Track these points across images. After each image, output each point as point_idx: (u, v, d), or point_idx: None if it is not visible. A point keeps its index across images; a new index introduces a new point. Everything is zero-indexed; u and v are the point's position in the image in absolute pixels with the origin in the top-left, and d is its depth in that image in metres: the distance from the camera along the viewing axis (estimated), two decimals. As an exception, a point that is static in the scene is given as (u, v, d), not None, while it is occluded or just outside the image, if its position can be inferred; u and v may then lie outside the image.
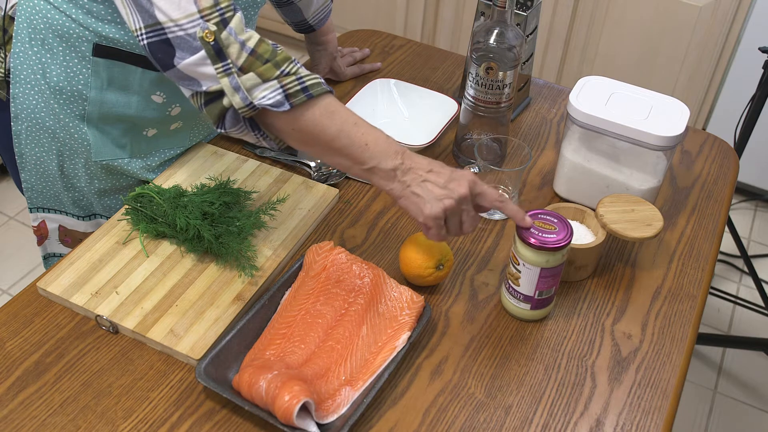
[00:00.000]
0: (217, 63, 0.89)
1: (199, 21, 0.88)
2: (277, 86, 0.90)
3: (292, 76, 0.91)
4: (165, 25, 0.88)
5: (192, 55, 0.89)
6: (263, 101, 0.90)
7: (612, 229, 1.06)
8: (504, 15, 1.13)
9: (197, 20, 0.88)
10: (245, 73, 0.90)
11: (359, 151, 0.93)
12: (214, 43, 0.89)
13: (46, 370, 0.92)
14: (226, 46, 0.89)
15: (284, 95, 0.90)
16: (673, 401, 0.94)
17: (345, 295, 1.01)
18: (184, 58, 0.89)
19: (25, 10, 1.06)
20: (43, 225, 1.27)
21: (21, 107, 1.12)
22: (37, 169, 1.19)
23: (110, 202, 1.24)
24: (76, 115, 1.12)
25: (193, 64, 0.89)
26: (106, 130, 1.15)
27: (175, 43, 0.89)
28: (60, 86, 1.09)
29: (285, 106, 0.90)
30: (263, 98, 0.90)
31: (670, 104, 1.15)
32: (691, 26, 2.35)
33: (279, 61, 0.91)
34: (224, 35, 0.89)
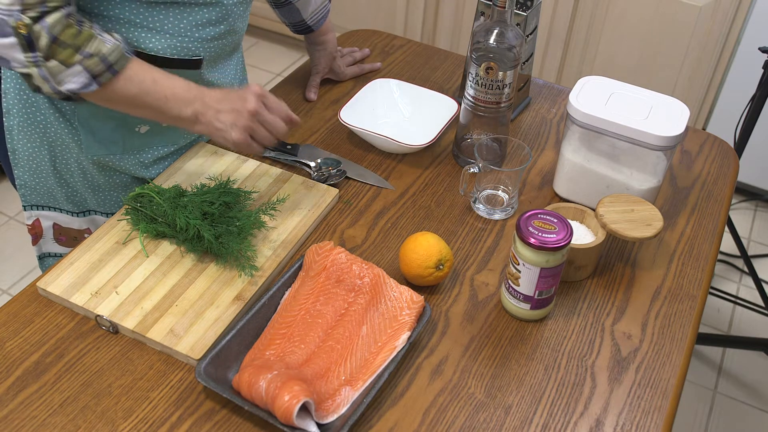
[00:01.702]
0: (27, 52, 0.93)
1: (16, 12, 0.91)
2: (81, 70, 0.95)
3: (94, 57, 0.96)
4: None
5: (4, 38, 0.92)
6: (71, 86, 0.96)
7: (612, 229, 1.06)
8: (504, 15, 1.13)
9: (15, 12, 0.91)
10: (51, 60, 0.94)
11: (162, 104, 1.01)
12: (27, 35, 0.92)
13: (46, 370, 0.92)
14: (36, 38, 0.93)
15: (90, 76, 0.96)
16: (673, 401, 0.94)
17: (345, 295, 1.01)
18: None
19: None
20: (38, 223, 1.27)
21: (12, 102, 1.12)
22: (29, 165, 1.19)
23: (104, 198, 1.23)
24: (66, 110, 1.12)
25: (4, 46, 0.93)
26: (97, 126, 1.14)
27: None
28: None
29: (93, 86, 0.97)
30: (71, 83, 0.96)
31: (670, 104, 1.15)
32: (691, 26, 2.35)
33: (79, 45, 0.95)
34: (37, 28, 0.92)
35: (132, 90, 1.00)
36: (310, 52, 1.46)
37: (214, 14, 1.11)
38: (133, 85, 1.00)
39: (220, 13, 1.11)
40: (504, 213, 1.19)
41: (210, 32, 1.13)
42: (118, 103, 1.03)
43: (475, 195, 1.20)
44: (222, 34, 1.15)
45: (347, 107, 1.31)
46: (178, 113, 1.02)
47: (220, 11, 1.11)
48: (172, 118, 1.04)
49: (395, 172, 1.27)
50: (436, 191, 1.23)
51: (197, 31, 1.11)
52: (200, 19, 1.10)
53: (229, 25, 1.15)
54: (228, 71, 1.25)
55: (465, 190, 1.21)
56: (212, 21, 1.11)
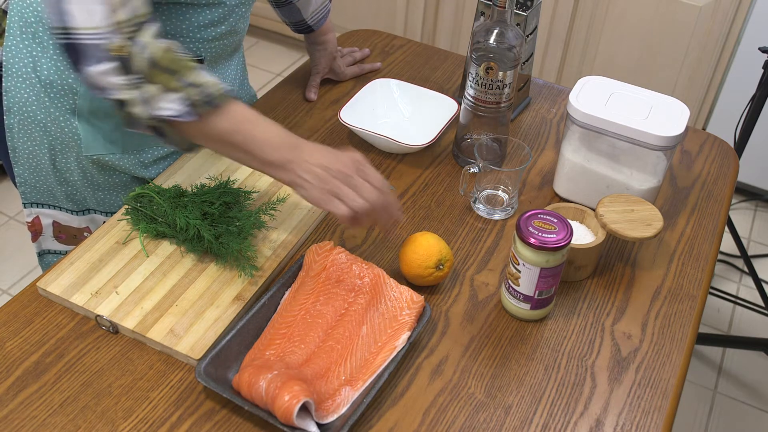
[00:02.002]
0: (124, 75, 0.90)
1: (110, 34, 0.89)
2: (181, 97, 0.92)
3: (195, 87, 0.92)
4: (75, 31, 0.89)
5: (100, 64, 0.90)
6: (168, 112, 0.92)
7: (612, 229, 1.06)
8: (504, 15, 1.13)
9: (109, 33, 0.89)
10: (150, 83, 0.91)
11: (255, 146, 0.96)
12: (124, 57, 0.90)
13: (46, 370, 0.92)
14: (134, 59, 0.90)
15: (189, 105, 0.92)
16: (673, 401, 0.94)
17: (345, 295, 1.01)
18: (92, 65, 0.90)
19: (17, 3, 1.07)
20: (38, 221, 1.27)
21: (13, 100, 1.12)
22: (30, 163, 1.19)
23: (104, 197, 1.24)
24: (66, 108, 1.12)
25: (100, 73, 0.90)
26: (97, 124, 1.14)
27: (84, 49, 0.90)
28: (51, 79, 1.09)
29: (191, 116, 0.93)
30: (168, 110, 0.92)
31: (670, 104, 1.15)
32: (691, 26, 2.35)
33: (183, 72, 0.92)
34: (134, 50, 0.90)
35: (226, 126, 0.95)
36: (311, 52, 1.46)
37: (216, 15, 1.11)
38: (230, 121, 0.95)
39: (222, 13, 1.11)
40: (504, 213, 1.19)
41: (211, 33, 1.13)
42: (210, 139, 0.98)
43: (475, 195, 1.20)
44: (223, 34, 1.15)
45: (347, 107, 1.31)
46: (271, 158, 0.97)
47: (222, 12, 1.11)
48: (263, 163, 0.98)
49: (395, 172, 1.27)
50: (436, 191, 1.23)
51: (199, 32, 1.11)
52: (202, 20, 1.10)
53: (231, 26, 1.15)
54: (229, 72, 1.25)
55: (465, 190, 1.21)
56: (214, 21, 1.11)
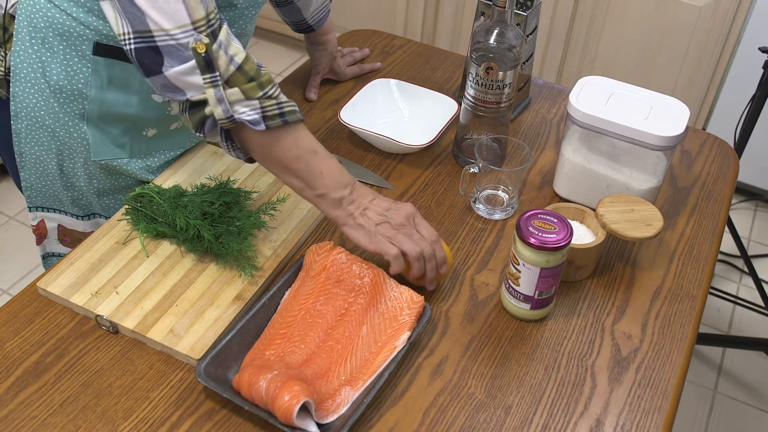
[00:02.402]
0: (205, 74, 0.92)
1: (191, 32, 0.90)
2: (257, 106, 0.94)
3: (272, 99, 0.95)
4: (155, 33, 0.90)
5: (181, 64, 0.91)
6: (243, 116, 0.94)
7: (612, 229, 1.06)
8: (504, 15, 1.13)
9: (190, 31, 0.90)
10: (230, 87, 0.93)
11: (313, 177, 0.99)
12: (205, 55, 0.91)
13: (46, 370, 0.92)
14: (215, 58, 0.92)
15: (262, 116, 0.94)
16: (673, 401, 0.94)
17: (345, 295, 1.01)
18: (173, 66, 0.91)
19: (26, 8, 1.06)
20: (42, 224, 1.27)
21: (21, 106, 1.12)
22: (36, 168, 1.19)
23: (109, 202, 1.24)
24: (75, 114, 1.12)
25: (181, 73, 0.92)
26: (106, 129, 1.15)
27: (165, 51, 0.91)
28: (60, 85, 1.09)
29: (261, 126, 0.95)
30: (243, 114, 0.94)
31: (670, 104, 1.15)
32: (691, 26, 2.35)
33: (263, 82, 0.95)
34: (215, 48, 0.92)
35: (289, 148, 0.98)
36: (311, 51, 1.46)
37: (227, 17, 1.11)
38: (295, 144, 0.97)
39: (233, 16, 1.11)
40: (504, 213, 1.19)
41: None
42: (270, 158, 0.99)
43: (475, 195, 1.20)
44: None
45: (347, 107, 1.31)
46: (327, 191, 0.99)
47: (233, 14, 1.11)
48: (317, 195, 1.00)
49: (395, 172, 1.27)
50: (436, 191, 1.23)
51: None
52: None
53: (240, 28, 1.15)
54: None
55: (465, 190, 1.21)
56: None
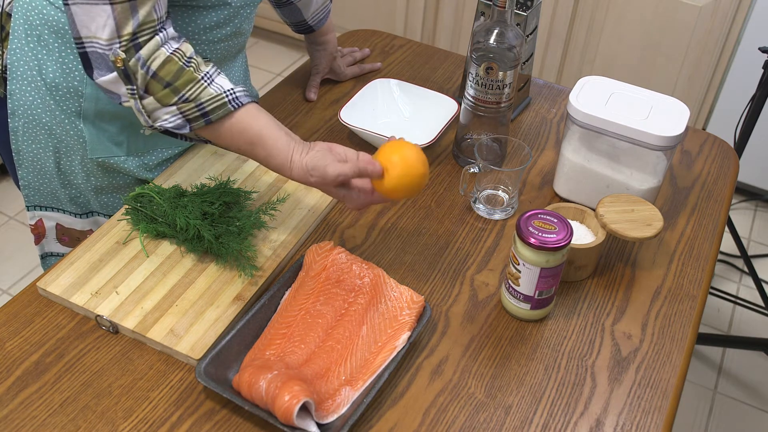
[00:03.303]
0: (127, 85, 0.95)
1: (114, 45, 0.92)
2: (176, 111, 0.96)
3: (190, 102, 0.95)
4: (85, 40, 0.93)
5: (108, 74, 0.95)
6: (165, 123, 0.97)
7: (612, 229, 1.06)
8: (504, 15, 1.13)
9: (114, 43, 0.92)
10: (148, 95, 0.96)
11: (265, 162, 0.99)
12: (123, 68, 0.94)
13: (46, 370, 0.92)
14: (133, 72, 0.94)
15: (184, 119, 0.96)
16: (673, 401, 0.94)
17: (345, 295, 1.01)
18: (102, 75, 0.95)
19: (22, 6, 1.07)
20: (41, 223, 1.27)
21: (18, 104, 1.12)
22: (34, 166, 1.19)
23: (108, 200, 1.24)
24: (72, 111, 1.12)
25: (108, 82, 0.95)
26: (102, 127, 1.15)
27: (93, 58, 0.94)
28: (56, 82, 1.09)
29: (185, 129, 0.97)
30: (165, 121, 0.97)
31: (670, 104, 1.15)
32: (691, 26, 2.35)
33: (179, 86, 0.95)
34: (132, 62, 0.94)
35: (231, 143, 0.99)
36: (311, 52, 1.46)
37: (222, 16, 1.11)
38: (232, 139, 0.98)
39: (228, 15, 1.12)
40: (504, 213, 1.19)
41: (217, 34, 1.13)
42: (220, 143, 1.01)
43: (475, 195, 1.20)
44: (229, 36, 1.15)
45: (347, 107, 1.31)
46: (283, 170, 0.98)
47: (227, 13, 1.11)
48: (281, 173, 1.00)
49: (395, 172, 1.26)
50: (436, 191, 1.23)
51: (204, 34, 1.11)
52: (208, 22, 1.10)
53: (236, 27, 1.15)
54: (232, 73, 1.25)
55: (465, 190, 1.21)
56: (219, 23, 1.11)
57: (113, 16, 0.90)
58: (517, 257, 0.97)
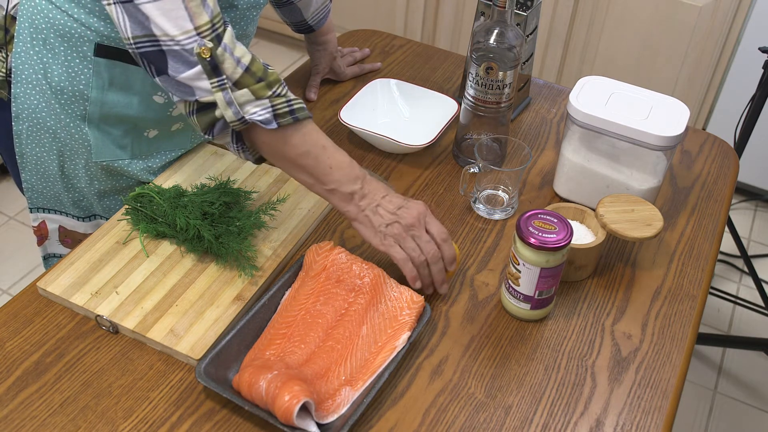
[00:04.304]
0: (212, 78, 0.92)
1: (195, 37, 0.90)
2: (267, 105, 0.95)
3: (282, 98, 0.96)
4: (160, 38, 0.90)
5: (188, 69, 0.92)
6: (254, 117, 0.95)
7: (612, 229, 1.06)
8: (504, 15, 1.13)
9: (194, 37, 0.90)
10: (239, 88, 0.94)
11: (322, 172, 0.99)
12: (211, 59, 0.91)
13: (46, 370, 0.92)
14: (221, 62, 0.92)
15: (273, 114, 0.95)
16: (673, 401, 0.94)
17: (345, 295, 1.01)
18: (180, 71, 0.92)
19: (27, 9, 1.06)
20: (44, 225, 1.27)
21: (22, 107, 1.12)
22: (37, 169, 1.19)
23: (110, 204, 1.24)
24: (77, 115, 1.12)
25: (188, 78, 0.92)
26: (107, 130, 1.15)
27: (170, 55, 0.91)
28: (61, 86, 1.09)
29: (273, 125, 0.95)
30: (254, 114, 0.95)
31: (670, 104, 1.15)
32: (691, 26, 2.35)
33: (271, 81, 0.95)
34: (219, 51, 0.92)
35: (299, 144, 0.98)
36: (311, 52, 1.46)
37: (228, 18, 1.10)
38: (303, 140, 0.98)
39: (234, 17, 1.11)
40: (504, 213, 1.19)
41: None
42: (280, 156, 0.99)
43: (475, 195, 1.20)
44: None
45: (347, 107, 1.31)
46: (338, 186, 0.99)
47: (233, 16, 1.11)
48: (327, 190, 1.00)
49: (395, 172, 1.27)
50: (436, 191, 1.23)
51: None
52: None
53: (241, 30, 1.15)
54: None
55: (465, 190, 1.21)
56: None
57: (186, 8, 0.89)
58: (517, 257, 0.97)
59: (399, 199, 1.01)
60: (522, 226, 0.96)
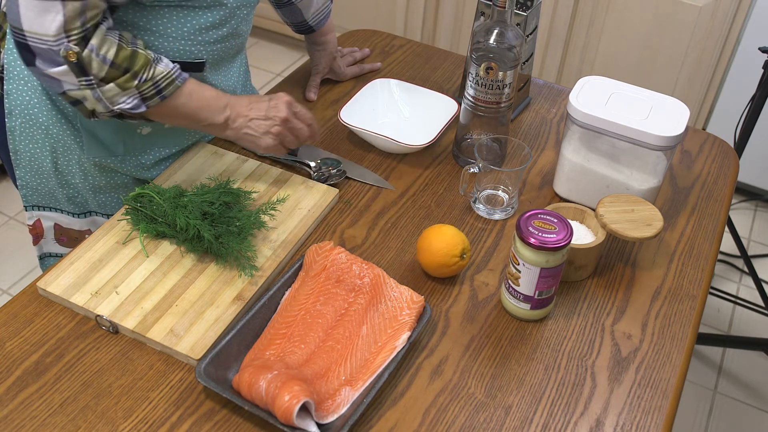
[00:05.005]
0: (80, 77, 0.96)
1: (63, 40, 0.93)
2: (135, 93, 0.99)
3: (148, 82, 1.00)
4: (28, 34, 0.93)
5: (56, 67, 0.95)
6: (123, 106, 1.01)
7: (612, 229, 1.06)
8: (504, 15, 1.13)
9: (61, 39, 0.93)
10: (106, 83, 0.97)
11: (195, 117, 1.08)
12: (77, 62, 0.94)
13: (46, 370, 0.92)
14: (87, 63, 0.95)
15: (140, 99, 1.00)
16: (673, 401, 0.94)
17: (345, 295, 1.01)
18: (48, 68, 0.95)
19: None
20: (39, 224, 1.27)
21: (15, 103, 1.12)
22: (31, 166, 1.19)
23: (105, 199, 1.24)
24: (68, 111, 1.12)
25: (56, 74, 0.96)
26: (99, 127, 1.15)
27: (37, 52, 0.94)
28: None
29: (141, 108, 1.02)
30: (122, 103, 1.01)
31: (670, 104, 1.15)
32: (691, 26, 2.35)
33: (137, 70, 0.99)
34: (86, 53, 0.95)
35: (173, 110, 1.06)
36: (311, 52, 1.46)
37: (218, 17, 1.11)
38: (175, 107, 1.06)
39: (224, 16, 1.11)
40: (504, 213, 1.19)
41: (213, 35, 1.12)
42: (161, 117, 1.08)
43: (475, 195, 1.20)
44: (225, 36, 1.15)
45: (347, 107, 1.31)
46: (210, 121, 1.09)
47: (223, 14, 1.11)
48: (204, 126, 1.10)
49: (395, 172, 1.27)
50: (436, 191, 1.23)
51: (200, 35, 1.11)
52: (204, 23, 1.10)
53: (232, 28, 1.15)
54: (231, 74, 1.25)
55: (465, 190, 1.21)
56: (215, 24, 1.11)
57: (63, 12, 0.91)
58: (517, 257, 0.97)
59: (263, 102, 1.11)
60: (522, 226, 0.96)
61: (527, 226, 0.96)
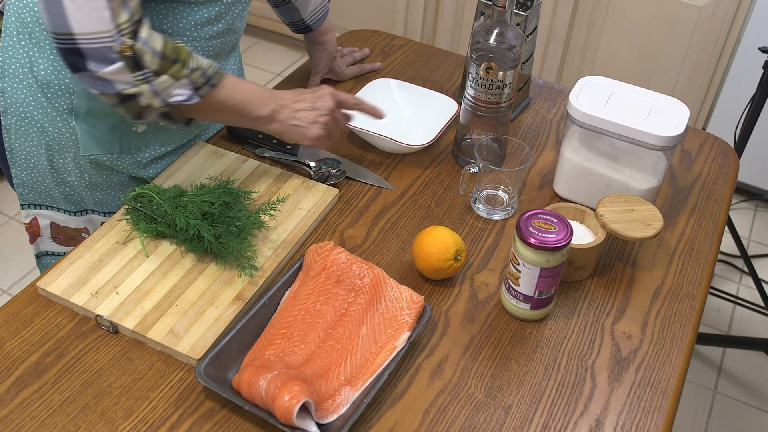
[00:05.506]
0: (135, 71, 0.95)
1: (115, 36, 0.92)
2: (187, 83, 0.99)
3: (198, 71, 1.00)
4: (78, 37, 0.91)
5: (109, 66, 0.94)
6: (178, 98, 1.00)
7: (612, 229, 1.06)
8: (504, 15, 1.13)
9: (113, 35, 0.92)
10: (159, 76, 0.97)
11: (241, 110, 1.08)
12: (132, 56, 0.94)
13: (46, 370, 0.92)
14: (141, 56, 0.95)
15: (194, 89, 1.00)
16: (673, 401, 0.94)
17: (345, 295, 1.01)
18: (101, 68, 0.94)
19: (14, 3, 1.07)
20: (35, 222, 1.27)
21: (10, 101, 1.12)
22: (27, 164, 1.19)
23: (102, 197, 1.24)
24: (64, 108, 1.12)
25: (109, 73, 0.94)
26: (94, 124, 1.14)
27: (89, 53, 0.93)
28: (48, 80, 1.09)
29: (195, 99, 1.02)
30: (177, 96, 1.00)
31: (670, 104, 1.15)
32: (691, 26, 2.35)
33: (185, 59, 0.99)
34: (138, 46, 0.94)
35: (221, 102, 1.06)
36: (310, 52, 1.46)
37: (213, 13, 1.11)
38: (223, 98, 1.06)
39: (219, 11, 1.12)
40: (504, 213, 1.19)
41: (208, 31, 1.13)
42: (208, 113, 1.08)
43: (475, 195, 1.20)
44: (220, 32, 1.15)
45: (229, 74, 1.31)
46: (257, 114, 1.09)
47: (218, 10, 1.11)
48: (250, 120, 1.10)
49: (395, 172, 1.27)
50: (436, 191, 1.23)
51: (196, 30, 1.11)
52: (199, 19, 1.10)
53: (228, 24, 1.15)
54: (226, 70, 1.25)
55: (465, 190, 1.21)
56: (210, 20, 1.11)
57: (109, 6, 0.90)
58: (517, 257, 0.97)
59: (308, 93, 1.12)
60: (522, 226, 0.96)
61: (527, 226, 0.96)
